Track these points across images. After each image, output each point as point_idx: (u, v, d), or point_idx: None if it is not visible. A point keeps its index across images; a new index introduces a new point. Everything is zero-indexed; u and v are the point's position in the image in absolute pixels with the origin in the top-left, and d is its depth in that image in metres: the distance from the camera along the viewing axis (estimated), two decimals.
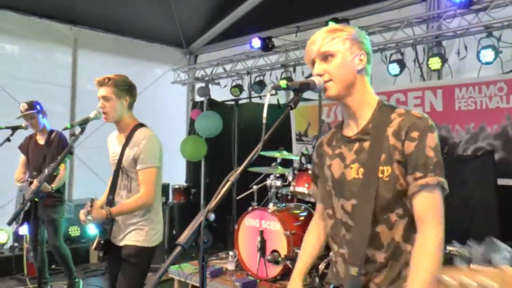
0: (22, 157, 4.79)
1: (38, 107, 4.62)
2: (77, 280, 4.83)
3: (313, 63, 1.66)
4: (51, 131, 4.70)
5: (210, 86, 7.54)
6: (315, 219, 1.95)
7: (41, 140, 4.69)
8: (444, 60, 4.77)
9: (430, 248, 1.46)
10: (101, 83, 2.85)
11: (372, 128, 1.62)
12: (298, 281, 1.87)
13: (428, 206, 1.49)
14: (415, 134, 1.51)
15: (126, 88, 2.89)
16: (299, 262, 1.91)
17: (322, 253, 1.97)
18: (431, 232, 1.47)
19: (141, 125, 2.96)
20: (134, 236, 2.85)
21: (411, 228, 1.54)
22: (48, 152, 4.58)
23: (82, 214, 2.75)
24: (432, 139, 1.52)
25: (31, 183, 4.44)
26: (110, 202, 2.88)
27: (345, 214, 1.65)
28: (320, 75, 1.61)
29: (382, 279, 1.57)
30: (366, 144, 1.61)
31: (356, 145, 1.65)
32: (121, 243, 2.88)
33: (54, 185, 4.45)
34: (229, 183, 1.35)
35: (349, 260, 1.59)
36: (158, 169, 2.86)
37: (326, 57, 1.62)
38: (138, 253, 2.84)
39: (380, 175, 1.54)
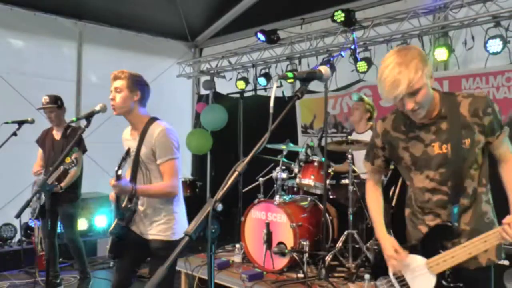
0: (39, 151, 4.85)
1: (59, 102, 4.69)
2: (89, 275, 4.88)
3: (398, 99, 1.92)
4: (68, 126, 4.76)
5: (215, 79, 7.53)
6: (371, 185, 2.39)
7: (57, 135, 4.74)
8: (450, 50, 4.73)
9: None
10: (116, 76, 2.88)
11: (445, 112, 2.01)
12: (388, 235, 2.20)
13: (508, 148, 2.09)
14: (489, 109, 1.99)
15: (139, 83, 2.91)
16: (379, 220, 2.28)
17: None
18: None
19: (154, 118, 2.96)
20: (162, 229, 2.90)
21: (482, 175, 2.07)
22: (64, 147, 4.64)
23: (112, 180, 2.76)
24: (496, 107, 2.02)
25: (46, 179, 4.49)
26: (132, 197, 2.91)
27: (431, 182, 2.08)
28: (414, 111, 1.92)
29: (469, 219, 2.05)
30: (443, 125, 2.02)
31: (433, 128, 2.04)
32: (149, 237, 2.92)
33: (64, 184, 4.51)
34: (236, 173, 1.35)
35: (449, 202, 2.05)
36: (177, 160, 2.89)
37: (415, 93, 1.88)
38: (166, 247, 2.86)
39: (464, 146, 1.99)
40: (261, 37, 6.07)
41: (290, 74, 1.50)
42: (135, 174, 2.94)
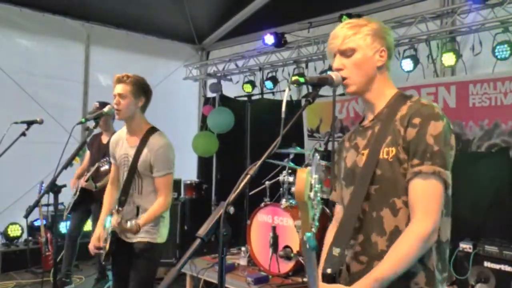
0: (87, 153, 5.06)
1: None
2: (107, 276, 4.97)
3: (334, 56, 1.66)
4: (115, 132, 4.85)
5: (222, 82, 7.54)
6: (333, 223, 1.86)
7: (105, 139, 4.84)
8: (458, 56, 4.72)
9: (410, 239, 1.44)
10: (120, 80, 2.87)
11: (384, 115, 1.63)
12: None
13: (419, 195, 1.46)
14: (416, 120, 1.50)
15: (143, 89, 2.92)
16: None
17: None
18: (416, 224, 1.45)
19: (154, 129, 2.97)
20: (148, 233, 2.91)
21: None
22: (107, 151, 4.73)
23: (116, 222, 2.75)
24: (435, 127, 1.47)
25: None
26: (122, 203, 2.91)
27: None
28: (339, 70, 1.62)
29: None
30: (376, 129, 1.62)
31: (369, 132, 1.65)
32: (134, 240, 2.92)
33: (100, 184, 4.60)
34: (248, 176, 1.35)
35: (335, 240, 1.57)
36: (172, 175, 2.95)
37: (346, 52, 1.62)
38: (151, 249, 2.92)
39: (386, 156, 1.53)
40: (270, 39, 6.02)
41: (302, 79, 1.50)
42: (130, 182, 2.93)
